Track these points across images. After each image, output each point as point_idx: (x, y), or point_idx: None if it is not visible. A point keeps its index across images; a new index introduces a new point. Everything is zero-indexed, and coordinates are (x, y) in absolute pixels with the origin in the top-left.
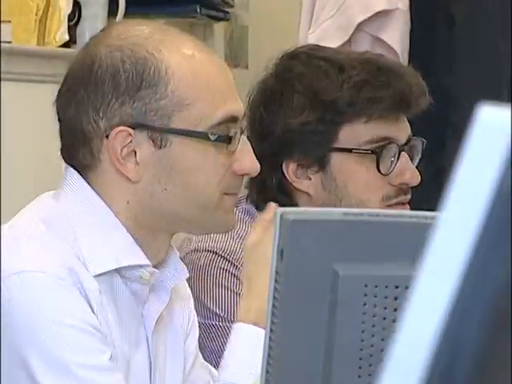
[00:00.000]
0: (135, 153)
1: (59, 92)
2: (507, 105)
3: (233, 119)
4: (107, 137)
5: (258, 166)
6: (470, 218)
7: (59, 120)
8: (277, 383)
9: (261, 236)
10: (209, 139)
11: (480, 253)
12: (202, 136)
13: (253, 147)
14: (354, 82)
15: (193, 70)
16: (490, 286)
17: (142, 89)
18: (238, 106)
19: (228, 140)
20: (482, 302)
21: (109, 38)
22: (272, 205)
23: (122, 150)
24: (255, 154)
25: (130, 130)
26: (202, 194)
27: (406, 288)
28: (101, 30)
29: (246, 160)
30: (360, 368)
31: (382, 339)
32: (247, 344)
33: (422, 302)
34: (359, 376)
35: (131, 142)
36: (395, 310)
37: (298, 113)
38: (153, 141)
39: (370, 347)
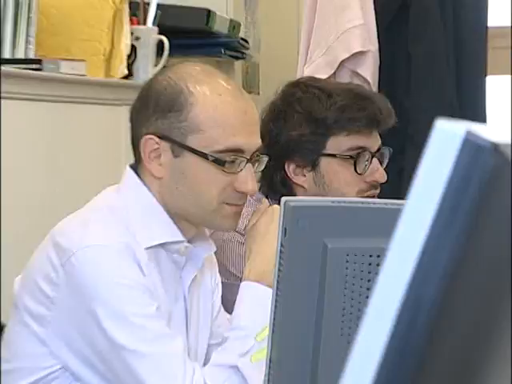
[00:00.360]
0: (160, 156)
1: (132, 106)
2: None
3: (239, 150)
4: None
5: (256, 189)
6: (428, 205)
7: None
8: (281, 329)
9: (255, 220)
10: (206, 159)
11: (436, 231)
12: (203, 156)
13: (265, 153)
14: (339, 105)
15: (213, 106)
16: (444, 255)
17: (172, 111)
18: (247, 141)
19: (223, 164)
20: (438, 268)
21: (169, 70)
22: (265, 200)
23: (151, 153)
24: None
25: (158, 139)
26: (202, 199)
27: (378, 257)
28: (180, 62)
29: (245, 182)
30: (343, 315)
31: (360, 295)
32: (250, 297)
33: (391, 267)
34: (343, 321)
35: (158, 148)
36: (369, 273)
37: (297, 127)
38: (172, 151)
39: (351, 300)
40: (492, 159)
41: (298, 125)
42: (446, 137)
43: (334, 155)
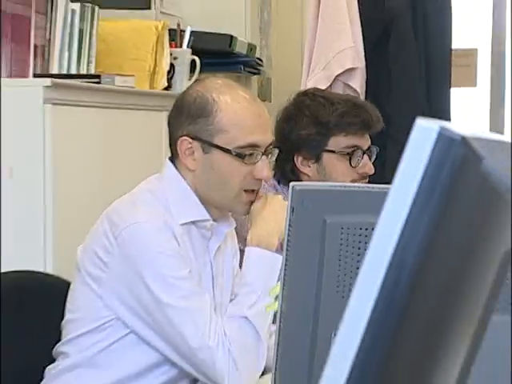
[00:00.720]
0: (194, 153)
1: (169, 114)
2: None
3: (255, 145)
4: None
5: (270, 175)
6: (409, 187)
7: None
8: (290, 288)
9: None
10: (231, 154)
11: (415, 207)
12: (227, 151)
13: (277, 147)
14: (340, 112)
15: (234, 112)
16: (422, 228)
17: (201, 117)
18: (262, 138)
19: (243, 157)
20: (417, 237)
21: (197, 84)
22: (261, 190)
23: (185, 150)
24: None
25: (191, 140)
26: (227, 186)
27: (366, 229)
28: (205, 78)
29: (261, 171)
30: (339, 276)
31: (352, 259)
32: (253, 259)
33: (379, 237)
34: (338, 281)
35: (191, 147)
36: (359, 242)
37: (305, 127)
38: (202, 149)
39: (345, 264)
40: (461, 149)
41: (307, 126)
42: (424, 131)
43: (333, 151)
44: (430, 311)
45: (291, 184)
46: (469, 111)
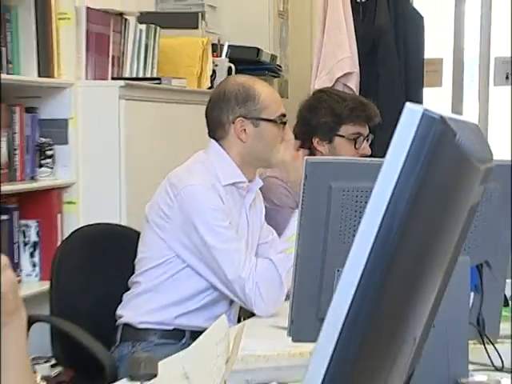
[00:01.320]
0: (245, 130)
1: (208, 105)
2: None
3: (283, 115)
4: (233, 122)
5: (293, 137)
6: (399, 157)
7: (206, 117)
8: (304, 235)
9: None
10: (276, 123)
11: (403, 173)
12: (273, 121)
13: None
14: (350, 107)
15: (267, 92)
16: (408, 187)
17: (248, 101)
18: (283, 109)
19: (285, 123)
20: (405, 196)
21: (228, 81)
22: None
23: (240, 128)
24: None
25: (243, 119)
26: (272, 148)
27: (362, 192)
28: (226, 78)
29: (289, 133)
30: (341, 228)
31: (351, 215)
32: (294, 218)
33: (376, 197)
34: (340, 232)
35: (244, 124)
36: (357, 202)
37: (323, 116)
38: (253, 124)
39: (345, 218)
40: (440, 126)
41: (324, 115)
42: (412, 112)
43: (343, 136)
44: (414, 253)
45: (305, 158)
46: (436, 106)
